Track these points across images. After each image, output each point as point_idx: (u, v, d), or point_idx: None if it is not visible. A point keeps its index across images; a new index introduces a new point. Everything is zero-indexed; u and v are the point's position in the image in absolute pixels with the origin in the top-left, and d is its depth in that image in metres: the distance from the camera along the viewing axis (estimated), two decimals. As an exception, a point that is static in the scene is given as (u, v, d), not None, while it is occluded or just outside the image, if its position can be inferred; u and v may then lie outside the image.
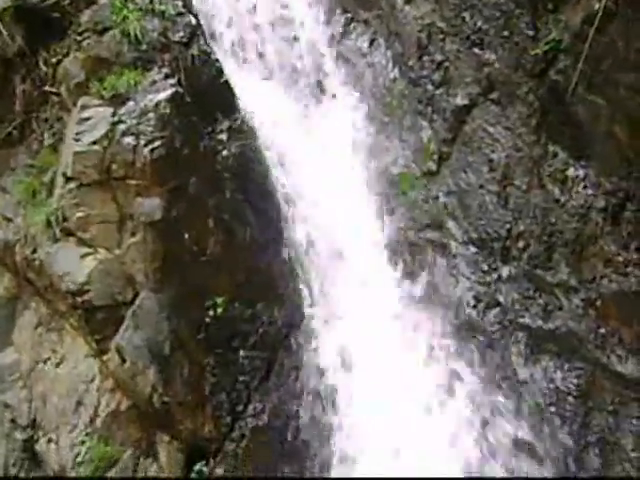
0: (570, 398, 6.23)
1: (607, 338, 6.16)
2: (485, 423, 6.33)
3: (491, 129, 6.76)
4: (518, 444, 6.25)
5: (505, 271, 6.62)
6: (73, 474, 6.90)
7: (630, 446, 5.97)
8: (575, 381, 6.26)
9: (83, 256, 7.01)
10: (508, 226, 6.63)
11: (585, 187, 6.36)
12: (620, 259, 6.16)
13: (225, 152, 6.99)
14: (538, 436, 6.20)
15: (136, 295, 7.04)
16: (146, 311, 7.01)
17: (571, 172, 6.43)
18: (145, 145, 6.74)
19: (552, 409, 6.24)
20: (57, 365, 7.32)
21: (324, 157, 7.23)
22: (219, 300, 6.86)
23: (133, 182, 6.87)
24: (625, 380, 6.04)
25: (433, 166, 7.05)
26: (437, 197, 6.93)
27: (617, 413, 6.06)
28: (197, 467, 6.80)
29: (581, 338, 6.26)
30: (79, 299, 6.94)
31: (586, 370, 6.22)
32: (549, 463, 6.15)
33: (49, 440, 7.20)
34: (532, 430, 6.23)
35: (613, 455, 6.02)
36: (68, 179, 6.94)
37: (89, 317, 6.98)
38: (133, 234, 6.99)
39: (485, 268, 6.69)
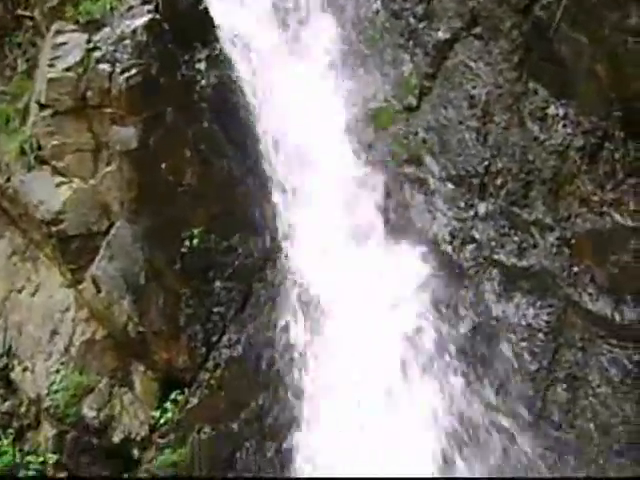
0: (541, 334, 6.33)
1: (580, 277, 6.23)
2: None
3: (473, 64, 6.71)
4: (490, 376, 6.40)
5: (482, 208, 6.63)
6: (48, 401, 6.96)
7: (597, 382, 6.09)
8: (546, 318, 6.35)
9: (58, 185, 6.96)
10: (486, 163, 6.62)
11: (564, 126, 6.35)
12: (596, 198, 6.20)
13: (203, 82, 6.90)
14: (509, 371, 6.34)
15: (111, 225, 7.03)
16: (121, 241, 7.00)
17: (551, 110, 6.42)
18: (121, 73, 6.64)
19: (523, 344, 6.34)
20: (32, 294, 7.32)
21: (304, 88, 7.15)
22: (195, 231, 6.86)
23: (109, 110, 6.78)
24: (595, 318, 6.13)
25: (413, 101, 6.99)
26: (416, 133, 6.88)
27: (586, 350, 6.17)
28: (172, 396, 6.87)
29: (554, 276, 6.32)
30: (54, 228, 6.91)
31: (558, 307, 6.31)
32: (518, 397, 6.28)
33: (24, 369, 7.24)
34: (503, 365, 6.36)
35: (580, 390, 6.15)
36: (42, 106, 6.84)
37: (64, 247, 6.97)
38: (108, 163, 6.93)
39: (462, 205, 6.69)
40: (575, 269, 6.26)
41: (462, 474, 6.10)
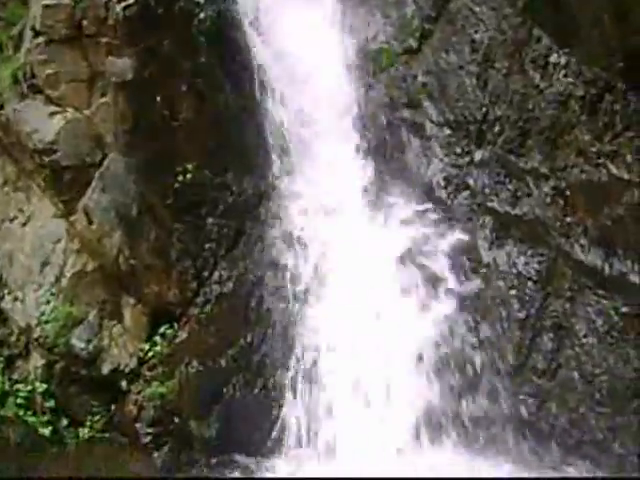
0: (530, 283, 6.35)
1: (572, 227, 6.23)
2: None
3: (476, 8, 6.61)
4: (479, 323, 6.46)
5: (478, 155, 6.60)
6: (38, 331, 6.99)
7: (583, 332, 6.13)
8: (537, 267, 6.36)
9: (51, 114, 6.90)
10: (485, 110, 6.57)
11: (566, 75, 6.28)
12: (593, 150, 6.16)
13: (202, 15, 6.77)
14: (497, 319, 6.39)
15: (104, 157, 6.99)
16: (114, 173, 6.97)
17: (553, 58, 6.33)
18: (118, 2, 6.53)
19: (512, 292, 6.36)
20: (24, 224, 7.29)
21: (303, 26, 7.04)
22: (189, 166, 6.82)
23: (104, 40, 6.70)
24: (585, 269, 6.15)
25: (414, 44, 6.90)
26: (416, 76, 6.82)
27: (574, 300, 6.20)
28: (161, 330, 6.91)
29: (547, 226, 6.32)
30: (46, 158, 6.87)
31: (548, 257, 6.32)
32: (506, 344, 6.35)
33: (15, 298, 7.25)
34: (492, 312, 6.42)
35: (566, 340, 6.19)
36: (36, 33, 6.74)
37: (56, 177, 6.94)
38: (103, 94, 6.87)
39: (458, 151, 6.66)
40: (568, 219, 6.25)
41: (450, 413, 6.22)
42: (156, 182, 6.85)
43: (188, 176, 6.79)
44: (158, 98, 6.71)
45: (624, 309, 5.99)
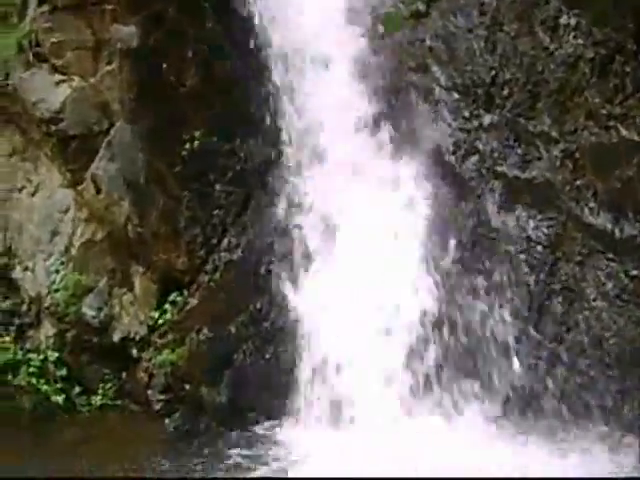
0: (539, 247, 6.32)
1: (582, 190, 6.18)
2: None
3: (485, -30, 6.54)
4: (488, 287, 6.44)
5: (487, 119, 6.52)
6: (49, 300, 7.08)
7: (592, 296, 6.11)
8: (546, 231, 6.32)
9: (57, 83, 6.89)
10: (493, 73, 6.48)
11: (575, 36, 6.19)
12: (603, 112, 6.09)
13: (206, -20, 6.74)
14: (508, 281, 6.36)
15: (111, 125, 7.00)
16: (121, 142, 6.97)
17: (563, 20, 6.24)
18: (122, -32, 6.50)
19: (522, 257, 6.33)
20: (32, 194, 7.32)
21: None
22: (196, 133, 6.79)
23: (109, 7, 6.68)
24: (595, 232, 6.11)
25: (422, 7, 6.80)
26: (423, 40, 6.71)
27: (583, 264, 6.17)
28: (171, 298, 6.95)
29: (556, 189, 6.27)
30: (53, 127, 6.88)
31: (558, 221, 6.27)
32: (516, 306, 6.34)
33: (25, 268, 7.32)
34: (501, 276, 6.40)
35: (576, 304, 6.17)
36: (41, 1, 6.73)
37: (64, 146, 6.96)
38: (109, 62, 6.85)
39: (467, 115, 6.57)
40: (578, 183, 6.19)
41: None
42: (163, 150, 6.83)
43: (196, 143, 6.76)
44: (164, 65, 6.66)
45: (634, 272, 5.96)
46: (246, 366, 6.61)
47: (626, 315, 5.98)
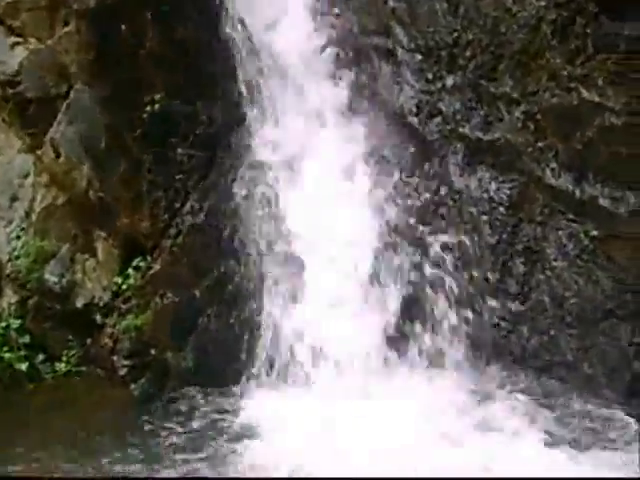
0: (502, 208, 6.37)
1: (543, 152, 6.21)
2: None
3: None
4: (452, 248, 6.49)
5: (450, 80, 6.51)
6: (10, 267, 7.00)
7: (554, 256, 6.19)
8: (508, 192, 6.37)
9: (13, 45, 6.76)
10: (456, 34, 6.45)
11: (537, -2, 6.25)
12: (564, 73, 6.10)
13: (164, -61, 6.61)
14: (471, 243, 6.43)
15: (70, 88, 6.87)
16: (80, 105, 6.86)
17: (525, -19, 6.29)
18: None
19: (484, 218, 6.39)
20: (-10, 160, 7.22)
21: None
22: (157, 96, 6.69)
23: (65, -34, 6.52)
24: (556, 193, 6.17)
25: (383, -34, 6.81)
26: (385, 1, 6.64)
27: (545, 224, 6.24)
28: (134, 263, 6.91)
29: (518, 151, 6.30)
30: (10, 90, 6.75)
31: (520, 182, 6.32)
32: (476, 267, 6.43)
33: (-15, 234, 7.24)
34: (464, 238, 6.45)
35: (537, 264, 6.26)
36: (-7, -40, 6.54)
37: (21, 110, 6.84)
38: (66, 23, 6.70)
39: (430, 77, 6.56)
40: (539, 144, 6.23)
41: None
42: (123, 113, 6.73)
43: (156, 106, 6.66)
44: (123, 27, 6.54)
45: (594, 232, 6.03)
46: (211, 330, 6.61)
47: (586, 275, 6.07)
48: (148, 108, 6.66)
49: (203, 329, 6.60)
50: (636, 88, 5.81)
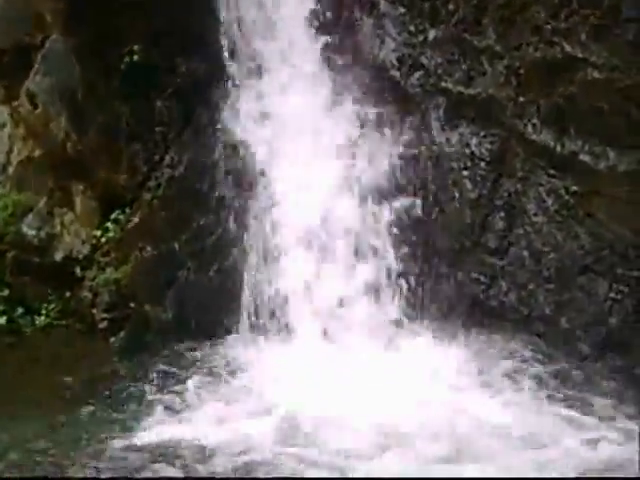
0: (483, 163, 6.34)
1: (525, 107, 6.17)
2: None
3: None
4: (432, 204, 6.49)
5: (432, 34, 6.44)
6: (-14, 219, 6.94)
7: (533, 211, 6.19)
8: (489, 147, 6.34)
9: (-15, -7, 6.60)
10: (439, -14, 6.44)
11: (522, -50, 6.15)
12: (548, 27, 6.04)
13: None
14: (451, 197, 6.43)
15: (46, 38, 6.75)
16: (56, 55, 6.75)
17: None
18: None
19: (465, 173, 6.37)
20: (-35, 111, 7.08)
21: None
22: (135, 47, 6.59)
23: None
24: (537, 148, 6.15)
25: None
26: (368, -47, 6.60)
27: (526, 179, 6.23)
28: (113, 215, 6.87)
29: (500, 105, 6.26)
30: (-16, 40, 6.61)
31: (501, 137, 6.29)
32: (459, 221, 6.44)
33: (-39, 189, 7.14)
34: (443, 193, 6.46)
35: (517, 219, 6.25)
36: None
37: (-4, 61, 6.71)
38: (41, -30, 6.55)
39: (412, 29, 6.49)
40: (521, 99, 6.19)
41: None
42: (100, 63, 6.63)
43: (135, 57, 6.56)
44: (99, -27, 6.43)
45: (574, 188, 6.03)
46: (191, 283, 6.58)
47: (565, 230, 6.08)
48: (126, 59, 6.55)
49: (183, 282, 6.57)
50: (619, 43, 5.80)
